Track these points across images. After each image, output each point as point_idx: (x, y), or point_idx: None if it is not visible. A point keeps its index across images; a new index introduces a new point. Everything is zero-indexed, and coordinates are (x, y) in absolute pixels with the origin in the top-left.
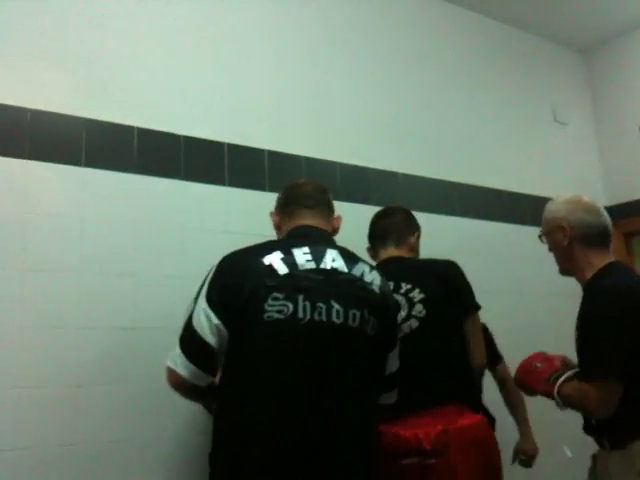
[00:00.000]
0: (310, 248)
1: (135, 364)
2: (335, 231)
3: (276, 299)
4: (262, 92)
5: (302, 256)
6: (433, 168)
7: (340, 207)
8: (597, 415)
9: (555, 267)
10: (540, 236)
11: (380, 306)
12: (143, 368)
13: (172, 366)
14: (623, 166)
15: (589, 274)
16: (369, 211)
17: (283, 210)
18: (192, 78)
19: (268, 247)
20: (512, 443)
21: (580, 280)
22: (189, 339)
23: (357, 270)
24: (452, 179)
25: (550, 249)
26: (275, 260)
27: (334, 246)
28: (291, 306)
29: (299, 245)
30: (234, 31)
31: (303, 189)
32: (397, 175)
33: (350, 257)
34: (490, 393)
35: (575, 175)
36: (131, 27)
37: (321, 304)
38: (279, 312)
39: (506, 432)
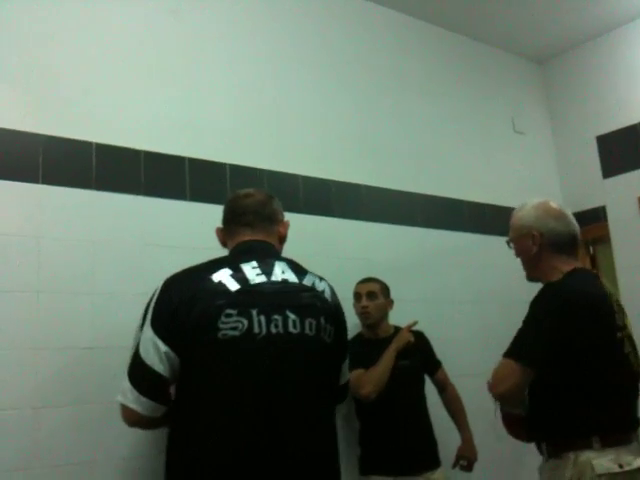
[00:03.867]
0: (258, 262)
1: (94, 384)
2: (282, 239)
3: (229, 316)
4: (223, 106)
5: (251, 270)
6: (394, 179)
7: (303, 220)
8: (496, 392)
9: (517, 275)
10: (508, 242)
11: (334, 314)
12: (102, 388)
13: (124, 402)
14: (581, 175)
15: (556, 279)
16: (332, 223)
17: (225, 227)
18: (151, 92)
19: (215, 265)
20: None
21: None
22: (139, 371)
23: (308, 280)
24: (414, 190)
25: (517, 255)
26: (224, 277)
27: (281, 259)
28: (246, 322)
29: (247, 260)
30: (193, 44)
31: (243, 204)
32: (359, 187)
33: (299, 269)
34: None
35: (534, 184)
36: (88, 42)
37: (276, 316)
38: (234, 329)
39: (447, 435)
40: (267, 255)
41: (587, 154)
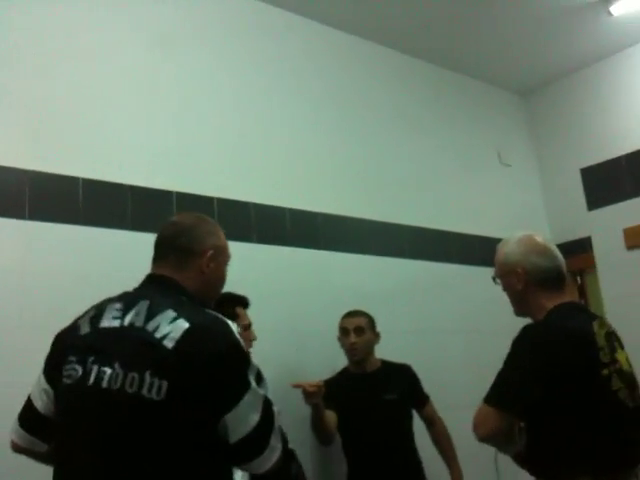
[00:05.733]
0: (125, 303)
1: None
2: (206, 273)
3: (70, 362)
4: (209, 139)
5: (111, 312)
6: (382, 211)
7: (290, 252)
8: (477, 436)
9: (504, 306)
10: (494, 278)
11: (171, 364)
12: None
13: (10, 430)
14: (566, 206)
15: (542, 316)
16: (319, 256)
17: None
18: (138, 127)
19: (93, 306)
20: None
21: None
22: (24, 405)
23: (153, 323)
24: (401, 222)
25: (504, 289)
26: (85, 319)
27: (153, 297)
28: (80, 370)
29: (119, 300)
30: (182, 78)
31: (160, 234)
32: (346, 219)
33: (156, 309)
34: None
35: (520, 215)
36: (76, 77)
37: (106, 368)
38: (68, 377)
39: (438, 471)
40: (145, 293)
41: (572, 186)
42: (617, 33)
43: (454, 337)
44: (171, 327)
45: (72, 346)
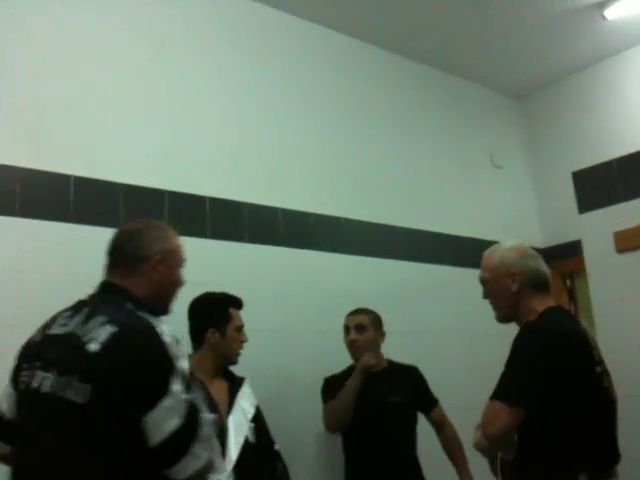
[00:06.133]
0: (73, 310)
1: None
2: (156, 280)
3: (24, 369)
4: (203, 139)
5: (61, 320)
6: (375, 213)
7: (282, 253)
8: (486, 435)
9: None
10: (483, 282)
11: (95, 368)
12: None
13: None
14: (558, 209)
15: (532, 318)
16: (313, 256)
17: None
18: (130, 125)
19: (50, 317)
20: None
21: (521, 325)
22: None
23: (86, 329)
24: (394, 223)
25: (487, 295)
26: (39, 329)
27: (95, 304)
28: (29, 376)
29: (71, 308)
30: (175, 76)
31: (111, 242)
32: (340, 220)
33: (92, 315)
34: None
35: (513, 218)
36: (69, 76)
37: (47, 373)
38: (22, 383)
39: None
40: (95, 301)
41: (564, 189)
42: (611, 37)
43: (447, 339)
44: (98, 332)
45: (26, 354)
